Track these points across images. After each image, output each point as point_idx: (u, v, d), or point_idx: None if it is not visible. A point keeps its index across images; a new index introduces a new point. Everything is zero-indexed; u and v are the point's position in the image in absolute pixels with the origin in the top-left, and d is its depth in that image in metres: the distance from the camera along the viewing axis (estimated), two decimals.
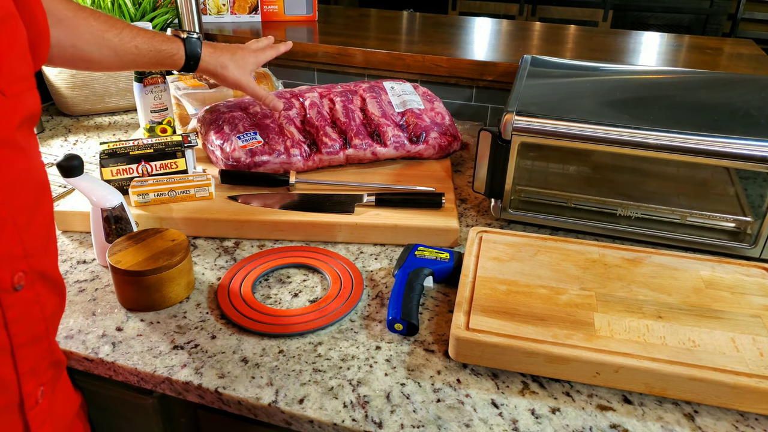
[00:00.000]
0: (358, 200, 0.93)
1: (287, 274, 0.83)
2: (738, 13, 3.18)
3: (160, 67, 0.90)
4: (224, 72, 0.93)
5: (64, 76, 1.26)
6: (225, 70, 0.93)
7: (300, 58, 1.37)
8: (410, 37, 1.48)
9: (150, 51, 0.86)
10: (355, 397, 0.64)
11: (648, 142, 0.82)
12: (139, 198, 0.90)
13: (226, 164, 0.98)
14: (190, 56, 0.89)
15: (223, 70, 0.93)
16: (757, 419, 0.63)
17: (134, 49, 0.84)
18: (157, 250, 0.75)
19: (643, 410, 0.63)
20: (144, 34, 0.85)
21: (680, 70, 1.17)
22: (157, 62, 0.88)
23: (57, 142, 1.21)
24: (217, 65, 0.92)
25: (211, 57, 0.91)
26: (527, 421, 0.62)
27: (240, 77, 0.94)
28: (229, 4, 1.48)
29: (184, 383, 0.66)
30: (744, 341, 0.66)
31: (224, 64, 0.92)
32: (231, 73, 0.93)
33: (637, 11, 3.12)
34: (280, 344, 0.71)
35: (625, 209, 0.91)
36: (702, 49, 1.42)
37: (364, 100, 1.09)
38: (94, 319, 0.74)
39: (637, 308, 0.70)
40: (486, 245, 0.82)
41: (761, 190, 0.85)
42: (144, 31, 0.86)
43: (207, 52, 0.91)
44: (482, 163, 0.91)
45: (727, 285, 0.75)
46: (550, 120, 0.86)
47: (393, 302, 0.73)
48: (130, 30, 0.84)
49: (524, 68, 1.06)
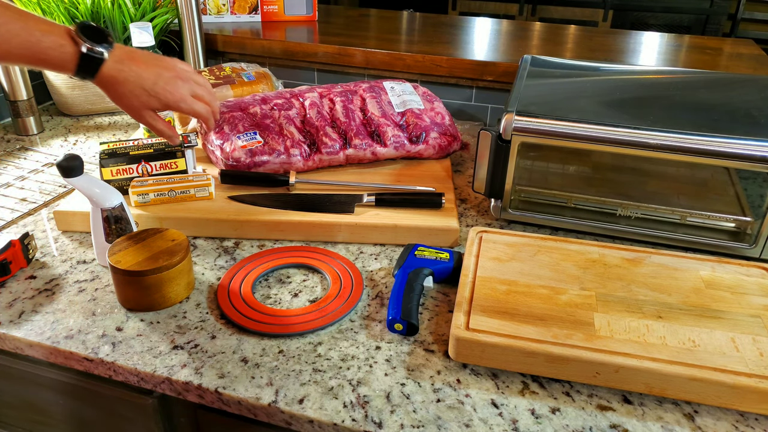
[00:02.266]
0: (358, 200, 0.93)
1: (287, 274, 0.83)
2: (738, 13, 3.18)
3: (38, 67, 0.72)
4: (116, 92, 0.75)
5: (64, 77, 1.26)
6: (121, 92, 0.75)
7: (300, 58, 1.37)
8: (410, 37, 1.48)
9: (25, 46, 0.68)
10: (355, 397, 0.64)
11: (648, 142, 0.82)
12: (139, 198, 0.90)
13: (226, 164, 0.98)
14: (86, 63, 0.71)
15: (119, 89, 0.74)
16: (757, 419, 0.63)
17: (3, 43, 0.67)
18: (157, 250, 0.75)
19: (643, 410, 0.63)
20: (31, 29, 0.67)
21: (680, 70, 1.17)
22: (36, 61, 0.70)
23: (57, 142, 1.21)
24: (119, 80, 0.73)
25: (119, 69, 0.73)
26: (527, 421, 0.62)
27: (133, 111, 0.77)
28: (229, 4, 1.48)
29: (184, 383, 0.66)
30: (744, 341, 0.66)
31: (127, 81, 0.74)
32: (125, 101, 0.76)
33: (637, 11, 3.12)
34: (280, 344, 0.71)
35: (625, 209, 0.91)
36: (702, 49, 1.42)
37: (364, 100, 1.09)
38: (94, 319, 0.74)
39: (637, 308, 0.70)
40: (486, 245, 0.82)
41: (761, 190, 0.85)
42: (34, 24, 0.67)
43: (115, 59, 0.72)
44: (482, 163, 0.91)
45: (727, 285, 0.75)
46: (550, 120, 0.86)
47: (393, 302, 0.73)
48: (15, 20, 0.67)
49: (524, 68, 1.06)
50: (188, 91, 0.79)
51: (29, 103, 1.22)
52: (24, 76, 1.20)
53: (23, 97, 1.21)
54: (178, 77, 0.78)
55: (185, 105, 0.79)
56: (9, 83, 1.19)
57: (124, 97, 0.75)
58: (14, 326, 0.73)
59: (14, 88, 1.19)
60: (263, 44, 1.39)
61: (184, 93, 0.79)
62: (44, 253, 0.86)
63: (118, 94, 0.75)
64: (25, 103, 1.21)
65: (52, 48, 0.69)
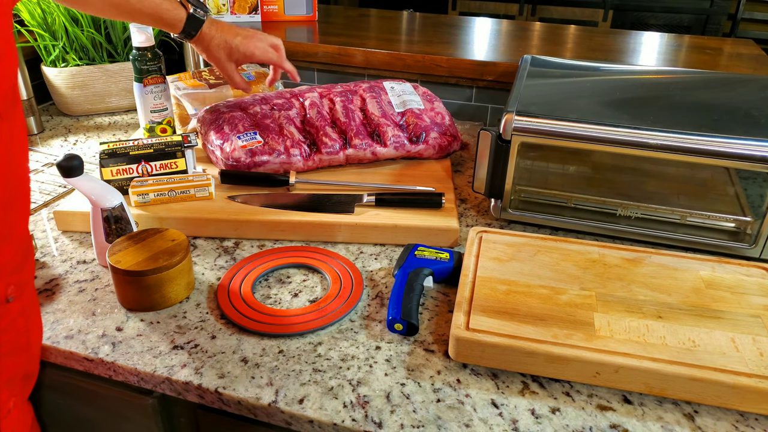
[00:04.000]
0: (358, 200, 0.93)
1: (287, 274, 0.83)
2: (738, 13, 3.18)
3: (155, 26, 0.93)
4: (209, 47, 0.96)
5: (64, 76, 1.26)
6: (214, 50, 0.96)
7: (300, 58, 1.37)
8: (410, 37, 1.48)
9: (151, 7, 0.88)
10: (355, 397, 0.64)
11: (648, 142, 0.82)
12: (139, 198, 0.90)
13: (226, 164, 0.98)
14: (190, 27, 0.92)
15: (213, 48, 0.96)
16: (757, 419, 0.63)
17: (137, 3, 0.87)
18: (157, 250, 0.75)
19: (643, 410, 0.63)
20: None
21: (680, 70, 1.17)
22: (154, 21, 0.91)
23: (57, 142, 1.21)
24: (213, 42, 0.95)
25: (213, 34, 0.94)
26: (527, 421, 0.62)
27: (222, 61, 0.97)
28: (229, 4, 1.48)
29: (184, 383, 0.66)
30: (744, 341, 0.66)
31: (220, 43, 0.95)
32: (214, 53, 0.96)
33: (637, 11, 3.12)
34: (280, 344, 0.71)
35: (625, 209, 0.91)
36: (702, 49, 1.42)
37: (364, 100, 1.09)
38: (94, 319, 0.74)
39: (637, 308, 0.70)
40: (486, 245, 0.82)
41: (761, 190, 0.85)
42: None
43: (208, 27, 0.93)
44: (482, 163, 0.91)
45: (727, 285, 0.75)
46: (550, 120, 0.85)
47: (393, 302, 0.73)
48: None
49: (524, 68, 1.06)
50: (263, 45, 0.98)
51: (29, 103, 1.22)
52: (24, 76, 1.20)
53: (23, 97, 1.21)
54: (254, 36, 0.98)
55: (259, 52, 0.98)
56: None
57: (213, 49, 0.95)
58: None
59: None
60: None
61: (259, 45, 0.98)
62: (44, 253, 0.86)
63: (209, 49, 0.95)
64: (25, 103, 1.21)
65: (169, 10, 0.90)
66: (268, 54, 0.99)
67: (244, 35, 0.97)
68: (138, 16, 0.89)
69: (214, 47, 0.95)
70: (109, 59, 1.31)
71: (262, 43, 0.98)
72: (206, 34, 0.94)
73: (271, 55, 1.00)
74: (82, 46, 1.27)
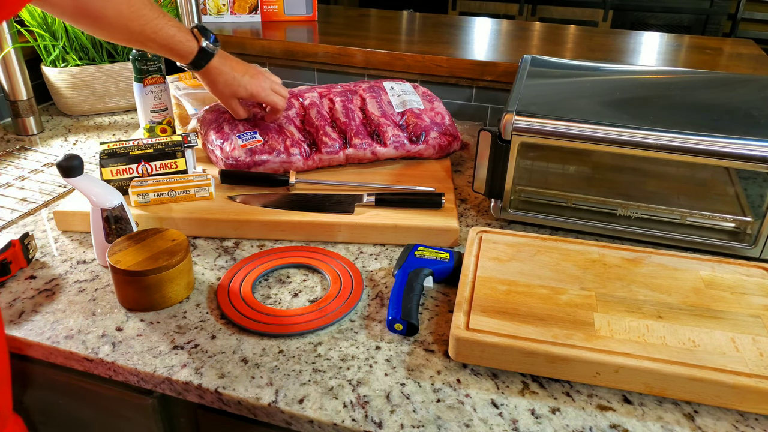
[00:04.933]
0: (358, 200, 0.93)
1: (287, 274, 0.83)
2: (738, 13, 3.18)
3: (165, 55, 0.91)
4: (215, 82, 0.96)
5: (64, 76, 1.26)
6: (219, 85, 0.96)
7: (300, 58, 1.37)
8: (410, 37, 1.48)
9: (165, 39, 0.87)
10: (355, 397, 0.64)
11: (648, 142, 0.82)
12: (139, 198, 0.90)
13: (226, 163, 0.98)
14: (200, 60, 0.92)
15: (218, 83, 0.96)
16: (757, 419, 0.63)
17: (151, 34, 0.85)
18: (157, 250, 0.75)
19: (643, 410, 0.63)
20: (169, 26, 0.87)
21: (680, 70, 1.17)
22: (166, 51, 0.90)
23: (57, 142, 1.21)
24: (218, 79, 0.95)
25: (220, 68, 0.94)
26: (527, 421, 0.62)
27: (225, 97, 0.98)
28: (229, 4, 1.48)
29: (184, 383, 0.66)
30: (744, 341, 0.66)
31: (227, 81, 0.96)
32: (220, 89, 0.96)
33: (637, 11, 3.12)
34: (280, 344, 0.71)
35: (625, 209, 0.91)
36: (702, 49, 1.42)
37: (364, 100, 1.09)
38: (94, 319, 0.74)
39: (637, 308, 0.70)
40: (486, 245, 0.82)
41: (761, 190, 0.85)
42: (170, 22, 0.87)
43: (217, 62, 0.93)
44: (482, 163, 0.91)
45: (727, 285, 0.75)
46: (550, 120, 0.85)
47: (393, 302, 0.73)
48: (160, 17, 0.85)
49: (524, 68, 1.06)
50: (268, 85, 0.98)
51: (29, 103, 1.22)
52: (24, 76, 1.20)
53: (23, 97, 1.21)
54: (260, 74, 0.98)
55: (264, 94, 0.98)
56: (9, 83, 1.19)
57: (220, 85, 0.95)
58: (14, 326, 0.73)
59: (14, 88, 1.20)
60: (263, 44, 1.39)
61: (264, 86, 0.98)
62: (44, 253, 0.86)
63: (215, 83, 0.95)
64: (25, 103, 1.21)
65: (181, 42, 0.89)
66: (270, 96, 0.99)
67: (251, 74, 0.97)
68: (150, 45, 0.87)
69: (221, 83, 0.95)
70: (109, 59, 1.31)
71: (266, 83, 0.98)
72: (214, 68, 0.93)
73: (274, 98, 0.99)
74: (82, 46, 1.27)
